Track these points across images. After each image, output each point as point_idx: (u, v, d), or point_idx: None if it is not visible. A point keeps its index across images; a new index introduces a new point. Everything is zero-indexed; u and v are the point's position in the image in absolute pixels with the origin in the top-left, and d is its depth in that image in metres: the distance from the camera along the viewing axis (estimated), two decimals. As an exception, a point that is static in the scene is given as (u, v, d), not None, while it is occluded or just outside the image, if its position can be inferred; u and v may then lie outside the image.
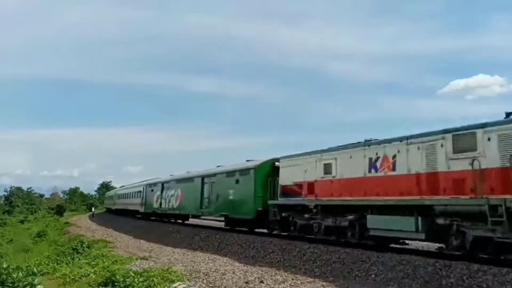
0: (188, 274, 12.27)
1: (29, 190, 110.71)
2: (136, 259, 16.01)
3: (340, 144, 15.54)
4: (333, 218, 14.80)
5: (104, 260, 16.59)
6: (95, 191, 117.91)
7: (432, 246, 14.96)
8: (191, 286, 10.80)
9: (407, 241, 14.08)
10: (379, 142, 13.55)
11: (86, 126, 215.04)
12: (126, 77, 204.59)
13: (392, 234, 12.69)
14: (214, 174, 24.14)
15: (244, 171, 20.56)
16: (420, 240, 12.51)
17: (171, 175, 34.79)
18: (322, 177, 15.36)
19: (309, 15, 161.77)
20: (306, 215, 16.19)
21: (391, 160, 12.77)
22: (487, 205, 9.80)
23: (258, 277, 11.52)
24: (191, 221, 30.97)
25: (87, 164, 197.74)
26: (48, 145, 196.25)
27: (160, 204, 33.03)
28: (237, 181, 20.81)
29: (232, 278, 11.61)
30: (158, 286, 10.92)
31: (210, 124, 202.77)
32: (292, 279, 11.25)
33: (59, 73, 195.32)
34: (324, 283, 10.77)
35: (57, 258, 18.56)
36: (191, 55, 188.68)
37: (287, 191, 17.25)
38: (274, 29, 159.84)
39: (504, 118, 10.40)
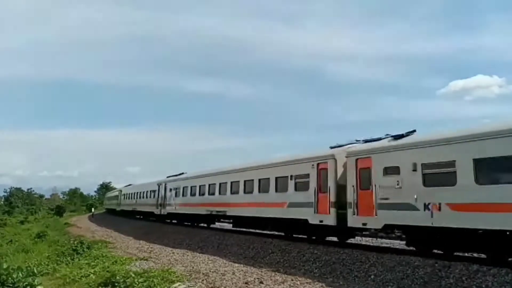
0: (188, 274, 12.29)
1: (29, 190, 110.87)
2: (136, 259, 16.03)
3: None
4: None
5: (104, 260, 16.58)
6: (95, 191, 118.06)
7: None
8: (191, 286, 10.82)
9: None
10: None
11: (86, 127, 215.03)
12: (126, 78, 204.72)
13: None
14: None
15: None
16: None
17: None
18: None
19: (309, 16, 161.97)
20: None
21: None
22: None
23: (258, 278, 11.54)
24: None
25: (87, 164, 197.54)
26: (48, 145, 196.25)
27: None
28: None
29: (231, 278, 11.63)
30: (158, 287, 10.93)
31: (210, 124, 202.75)
32: (292, 280, 11.26)
33: (59, 74, 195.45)
34: (323, 284, 10.79)
35: (57, 258, 18.48)
36: (190, 55, 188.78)
37: None
38: (273, 29, 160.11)
39: None
